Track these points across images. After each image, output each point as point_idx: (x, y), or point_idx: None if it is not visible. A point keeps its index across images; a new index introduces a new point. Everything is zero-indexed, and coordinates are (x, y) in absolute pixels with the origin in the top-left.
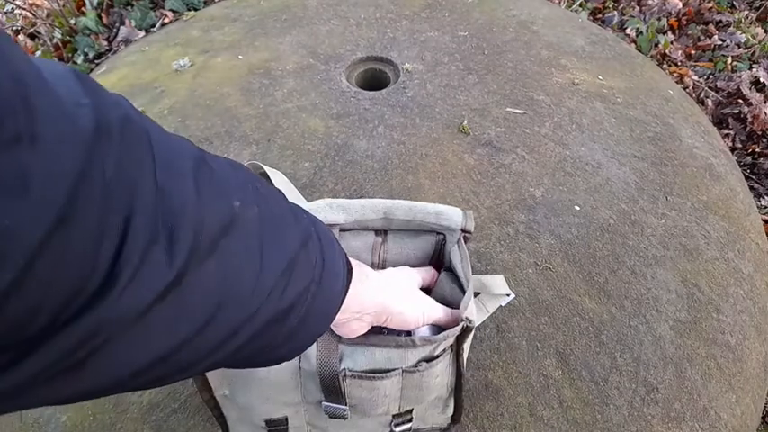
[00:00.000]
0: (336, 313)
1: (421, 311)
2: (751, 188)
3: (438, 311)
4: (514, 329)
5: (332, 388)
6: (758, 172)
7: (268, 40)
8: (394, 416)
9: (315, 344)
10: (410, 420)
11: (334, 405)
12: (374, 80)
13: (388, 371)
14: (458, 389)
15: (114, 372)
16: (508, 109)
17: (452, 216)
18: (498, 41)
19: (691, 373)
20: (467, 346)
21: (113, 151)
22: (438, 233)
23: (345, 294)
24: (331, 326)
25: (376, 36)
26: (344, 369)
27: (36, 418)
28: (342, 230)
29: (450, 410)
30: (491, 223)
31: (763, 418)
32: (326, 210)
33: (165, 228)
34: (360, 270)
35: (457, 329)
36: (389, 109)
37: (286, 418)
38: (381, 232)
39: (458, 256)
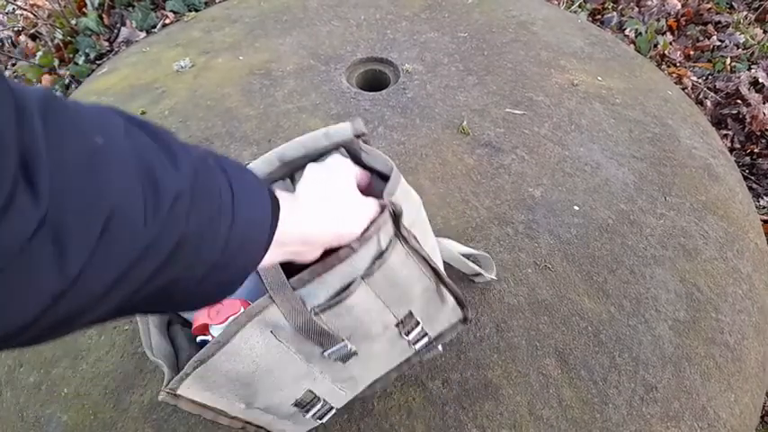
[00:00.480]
0: (268, 244)
1: (368, 220)
2: (750, 188)
3: (374, 212)
4: (514, 329)
5: (317, 333)
6: (757, 172)
7: (268, 40)
8: (398, 326)
9: (276, 307)
10: (417, 324)
11: (335, 348)
12: (374, 81)
13: (348, 285)
14: (437, 274)
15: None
16: (507, 109)
17: (340, 129)
18: (498, 42)
19: (690, 373)
20: (418, 233)
21: None
22: (342, 152)
23: (275, 225)
24: (283, 259)
25: (376, 37)
26: (311, 309)
27: (37, 417)
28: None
29: (451, 300)
30: (491, 223)
31: (762, 417)
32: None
33: (23, 170)
34: (294, 201)
35: (385, 216)
36: (389, 109)
37: (310, 391)
38: (290, 179)
39: (368, 156)
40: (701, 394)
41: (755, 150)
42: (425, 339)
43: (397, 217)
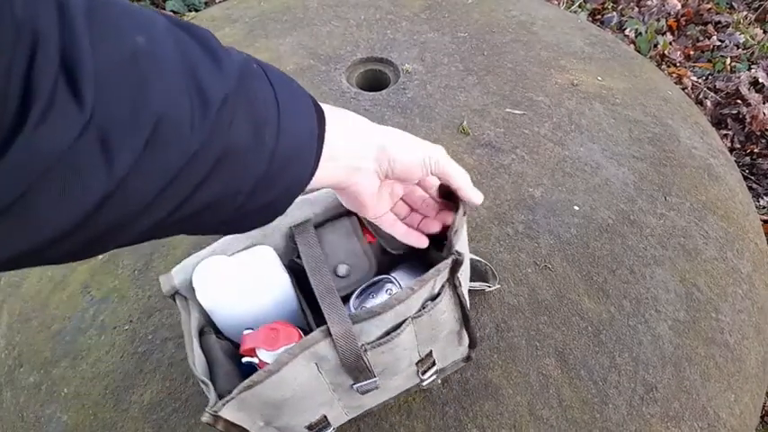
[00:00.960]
0: (318, 158)
1: (424, 153)
2: (750, 188)
3: (442, 153)
4: (514, 329)
5: (358, 369)
6: (757, 172)
7: (268, 41)
8: (417, 363)
9: (329, 342)
10: (434, 363)
11: (365, 382)
12: (374, 81)
13: (400, 325)
14: (466, 319)
15: (41, 227)
16: (507, 109)
17: None
18: (498, 42)
19: (690, 373)
20: (463, 280)
21: None
22: None
23: (322, 137)
24: (337, 190)
25: (376, 37)
26: (362, 345)
27: (37, 417)
28: (316, 227)
29: (466, 341)
30: (491, 223)
31: (761, 417)
32: (293, 208)
33: (67, 71)
34: (338, 112)
35: (448, 262)
36: (389, 110)
37: (324, 416)
38: (347, 213)
39: None
40: (701, 394)
41: (755, 150)
42: (435, 376)
43: (456, 266)
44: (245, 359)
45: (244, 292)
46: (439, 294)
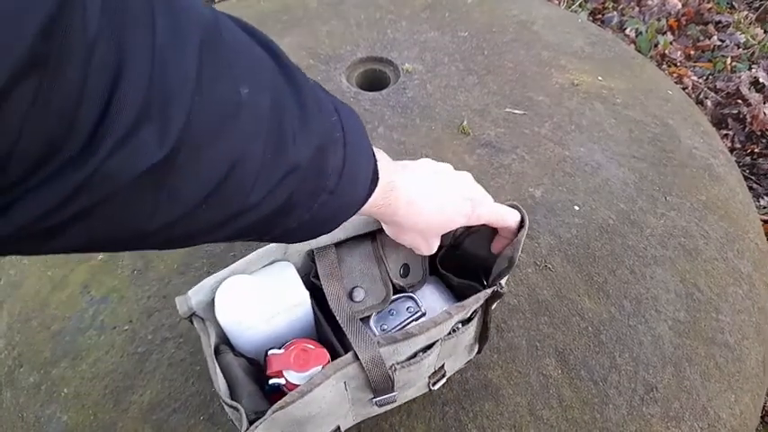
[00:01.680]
0: (348, 218)
1: (467, 208)
2: (750, 188)
3: (484, 202)
4: (514, 329)
5: (384, 387)
6: (757, 172)
7: None
8: (430, 376)
9: (358, 364)
10: (444, 375)
11: (384, 396)
12: (374, 80)
13: (431, 346)
14: (483, 337)
15: (94, 238)
16: (508, 109)
17: None
18: (498, 42)
19: (690, 373)
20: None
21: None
22: None
23: (365, 202)
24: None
25: (376, 36)
26: (392, 365)
27: (37, 417)
28: (337, 246)
29: (475, 350)
30: None
31: (762, 417)
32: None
33: (158, 105)
34: (401, 172)
35: (488, 292)
36: (389, 109)
37: (338, 427)
38: (370, 235)
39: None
40: (702, 394)
41: (756, 150)
42: (444, 380)
43: (494, 297)
44: (271, 380)
45: (264, 310)
46: (471, 319)
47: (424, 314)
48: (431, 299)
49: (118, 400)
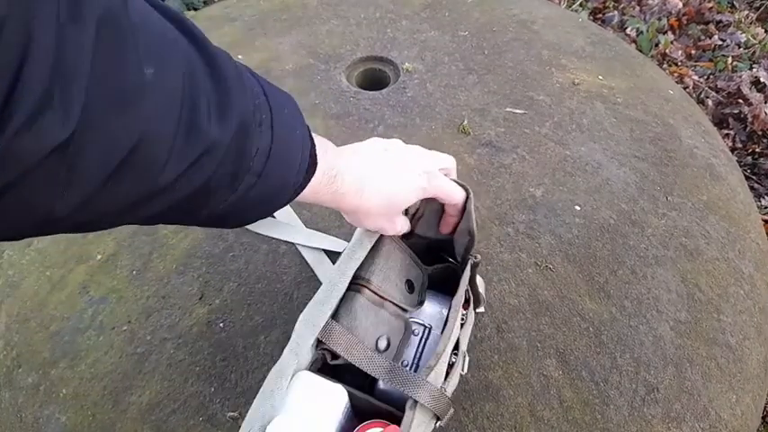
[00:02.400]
0: (284, 205)
1: (422, 181)
2: (751, 188)
3: (437, 172)
4: (515, 329)
5: (445, 410)
6: (758, 172)
7: (268, 40)
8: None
9: (420, 406)
10: (464, 355)
11: (447, 417)
12: (374, 80)
13: (456, 346)
14: (476, 300)
15: (10, 222)
16: (508, 109)
17: None
18: (498, 41)
19: (691, 374)
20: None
21: None
22: None
23: (301, 188)
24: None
25: (376, 36)
26: (441, 386)
27: (36, 418)
28: (334, 318)
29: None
30: (491, 223)
31: (763, 418)
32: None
33: (60, 84)
34: (340, 156)
35: (467, 271)
36: (389, 109)
37: None
38: (353, 288)
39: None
40: (703, 395)
41: (757, 150)
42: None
43: (474, 269)
44: None
45: None
46: (467, 300)
47: (429, 328)
48: (425, 307)
49: (117, 401)
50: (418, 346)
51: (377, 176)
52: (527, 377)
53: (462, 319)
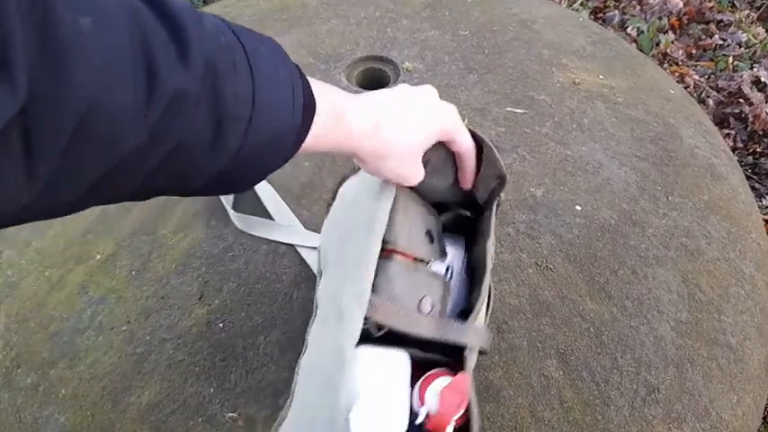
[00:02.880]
0: (290, 155)
1: (441, 117)
2: (752, 188)
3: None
4: (515, 330)
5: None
6: (759, 172)
7: None
8: None
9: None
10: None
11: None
12: (374, 79)
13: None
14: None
15: None
16: (509, 108)
17: None
18: (499, 41)
19: (692, 374)
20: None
21: None
22: None
23: (304, 131)
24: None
25: (376, 35)
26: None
27: (35, 418)
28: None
29: None
30: None
31: (764, 418)
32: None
33: (2, 53)
34: (336, 103)
35: (493, 209)
36: None
37: None
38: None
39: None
40: (703, 396)
41: (758, 150)
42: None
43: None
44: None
45: (395, 409)
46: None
47: (451, 267)
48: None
49: (116, 401)
50: (454, 291)
51: (394, 114)
52: (527, 378)
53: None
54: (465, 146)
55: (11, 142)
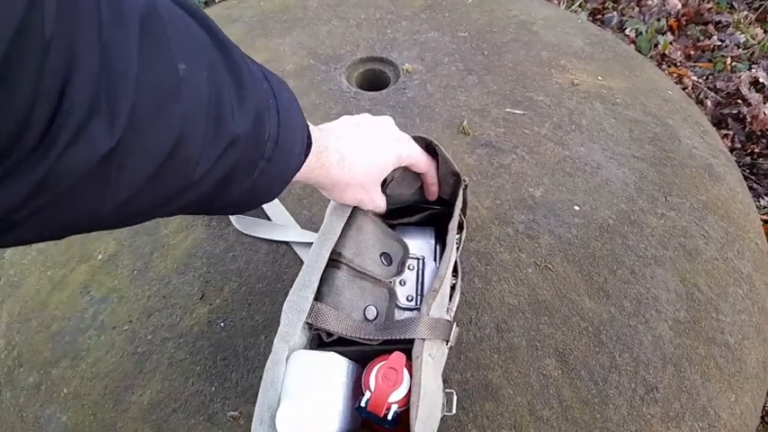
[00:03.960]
0: (286, 186)
1: (397, 149)
2: (750, 188)
3: (409, 147)
4: (514, 329)
5: (448, 331)
6: (757, 172)
7: (268, 40)
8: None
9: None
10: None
11: (453, 333)
12: (374, 80)
13: (455, 269)
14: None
15: (46, 229)
16: (508, 109)
17: None
18: (498, 42)
19: (690, 373)
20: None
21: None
22: None
23: (299, 168)
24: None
25: (376, 36)
26: (447, 308)
27: (37, 417)
28: (317, 299)
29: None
30: (491, 223)
31: (762, 417)
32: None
33: (106, 96)
34: (327, 141)
35: (458, 195)
36: (389, 109)
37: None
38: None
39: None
40: (702, 394)
41: (756, 150)
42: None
43: (464, 189)
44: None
45: (328, 410)
46: (461, 225)
47: (422, 258)
48: (413, 242)
49: (117, 400)
50: (417, 278)
51: (355, 148)
52: (526, 377)
53: (456, 243)
54: (423, 167)
55: (104, 171)
